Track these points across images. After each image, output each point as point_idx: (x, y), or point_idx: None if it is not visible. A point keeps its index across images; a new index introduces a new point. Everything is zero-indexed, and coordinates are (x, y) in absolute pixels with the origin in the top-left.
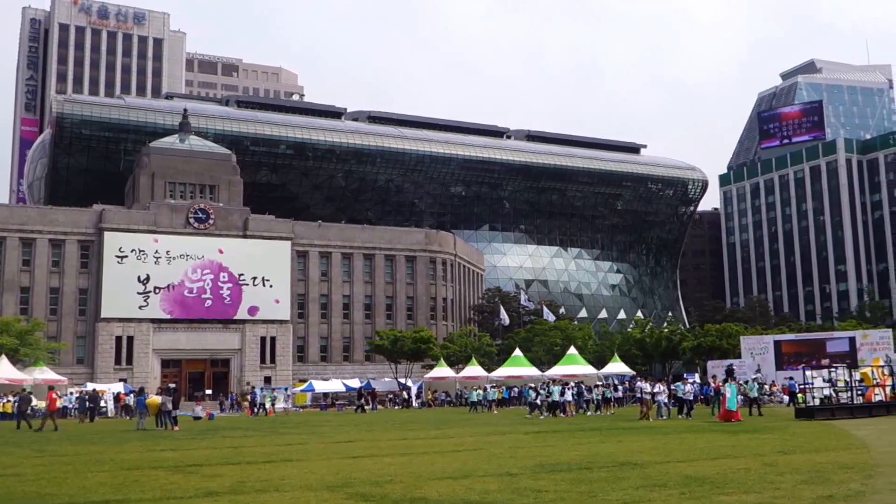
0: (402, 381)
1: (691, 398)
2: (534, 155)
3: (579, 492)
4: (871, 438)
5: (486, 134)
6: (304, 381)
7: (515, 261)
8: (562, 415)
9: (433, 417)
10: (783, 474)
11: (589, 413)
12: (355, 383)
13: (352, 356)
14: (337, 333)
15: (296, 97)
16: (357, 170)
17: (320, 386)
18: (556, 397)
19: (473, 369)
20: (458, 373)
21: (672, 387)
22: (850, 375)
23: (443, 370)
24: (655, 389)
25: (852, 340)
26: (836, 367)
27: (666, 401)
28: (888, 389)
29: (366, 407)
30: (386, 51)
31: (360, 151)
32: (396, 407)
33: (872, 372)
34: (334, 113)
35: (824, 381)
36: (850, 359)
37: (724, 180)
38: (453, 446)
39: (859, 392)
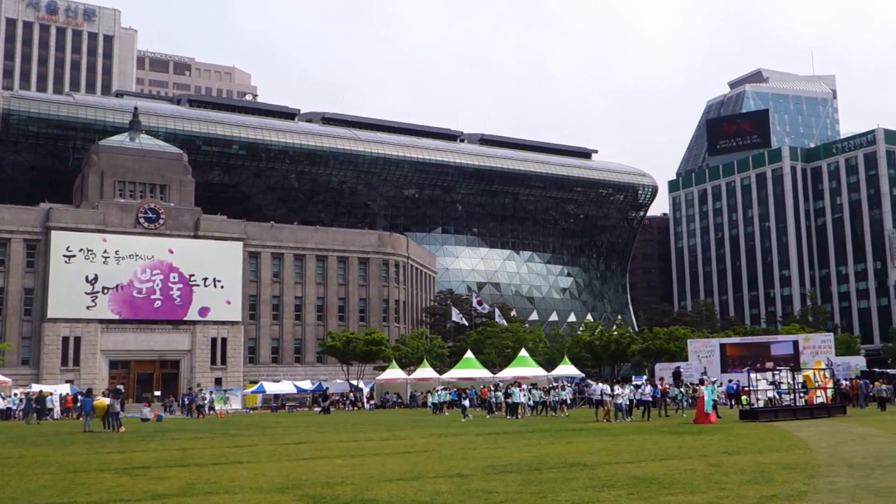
0: (354, 382)
1: (650, 400)
2: (487, 158)
3: (529, 493)
4: (813, 440)
5: (440, 137)
6: (255, 382)
7: (468, 263)
8: (512, 416)
9: (384, 419)
10: (728, 475)
11: (552, 415)
12: (307, 385)
13: (303, 358)
14: (289, 335)
15: (249, 97)
16: (310, 171)
17: (271, 387)
18: (518, 399)
19: (425, 371)
20: (409, 374)
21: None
22: (793, 378)
23: (395, 372)
24: (616, 391)
25: (795, 344)
26: (780, 370)
27: (627, 403)
28: (829, 392)
29: (330, 409)
30: (340, 53)
31: (314, 153)
32: (348, 409)
33: (814, 375)
34: (288, 114)
35: (768, 383)
36: (793, 362)
37: (673, 186)
38: (404, 448)
39: (801, 394)
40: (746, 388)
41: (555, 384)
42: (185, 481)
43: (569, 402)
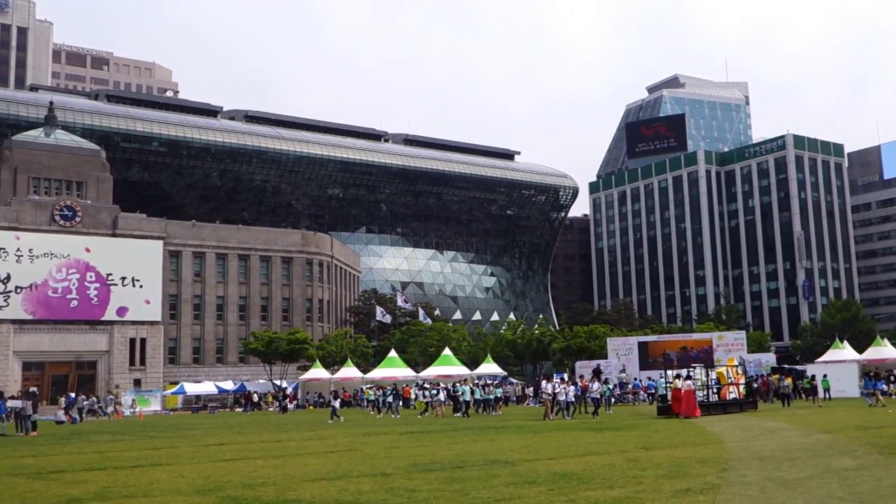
0: (278, 382)
1: (598, 397)
2: (411, 159)
3: (452, 490)
4: (726, 434)
5: (365, 137)
6: (176, 383)
7: (392, 263)
8: (440, 413)
9: (308, 419)
10: (645, 469)
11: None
12: (229, 385)
13: (225, 358)
14: (210, 335)
15: (170, 94)
16: (233, 169)
17: (192, 388)
18: (468, 397)
19: (349, 370)
20: (333, 374)
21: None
22: (707, 375)
23: (318, 371)
24: (557, 389)
25: (709, 341)
26: (695, 367)
27: (573, 400)
28: (741, 388)
29: (288, 406)
30: (265, 51)
31: (237, 151)
32: (271, 409)
33: (727, 371)
34: (210, 111)
35: (683, 380)
36: (707, 359)
37: (593, 188)
38: (327, 447)
39: (715, 390)
40: (665, 385)
41: (488, 382)
42: (102, 485)
43: (503, 399)
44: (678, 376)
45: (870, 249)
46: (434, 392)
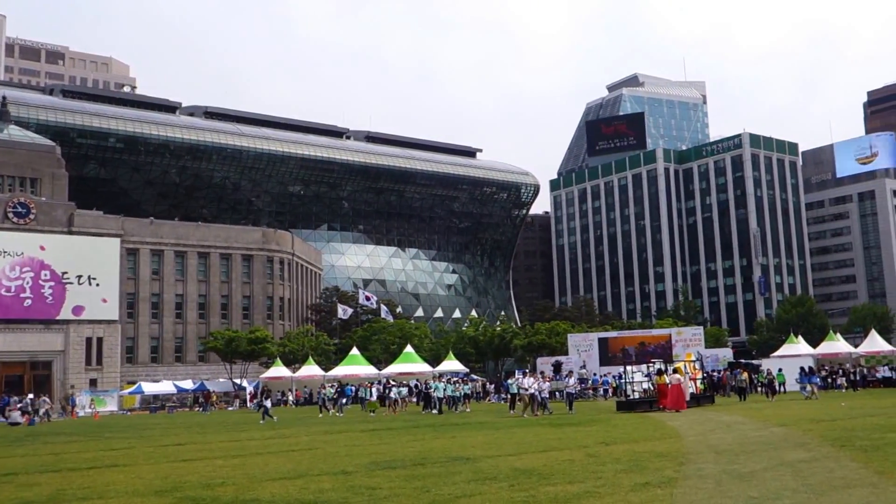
0: (238, 381)
1: (573, 392)
2: (373, 156)
3: (413, 487)
4: (684, 428)
5: (326, 134)
6: (133, 383)
7: (353, 260)
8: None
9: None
10: (605, 464)
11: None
12: (188, 385)
13: (184, 357)
14: (169, 333)
15: (127, 89)
16: (192, 166)
17: (150, 388)
18: (441, 394)
19: (311, 368)
20: (294, 372)
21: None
22: (666, 370)
23: (279, 370)
24: (532, 385)
25: (668, 337)
26: (654, 363)
27: (547, 395)
28: (699, 382)
29: (269, 407)
30: (225, 46)
31: (196, 147)
32: (231, 408)
33: (685, 366)
34: (169, 107)
35: (643, 375)
36: (664, 354)
37: (554, 185)
38: (288, 446)
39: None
40: (624, 381)
41: (456, 379)
42: (56, 487)
43: (471, 396)
44: (661, 372)
45: (823, 246)
46: (401, 390)
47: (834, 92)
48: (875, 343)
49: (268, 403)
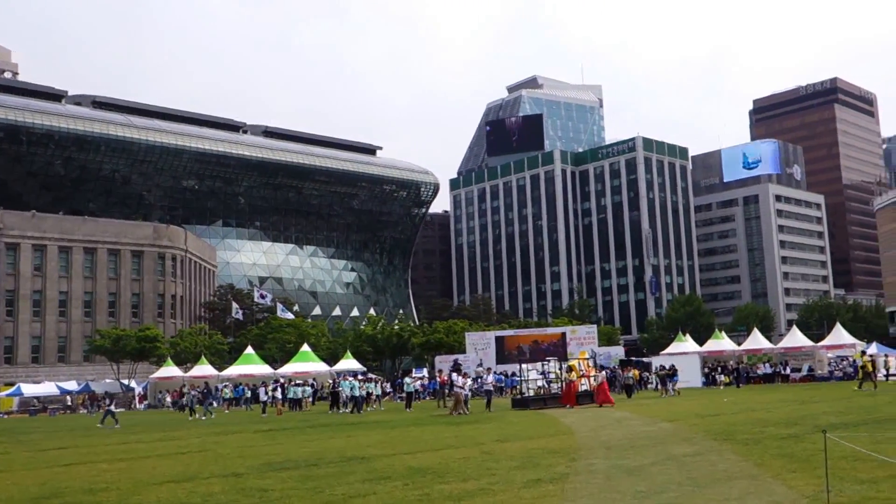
0: (126, 382)
1: (492, 389)
2: (271, 151)
3: (306, 488)
4: (577, 425)
5: (222, 127)
6: (12, 384)
7: (250, 258)
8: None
9: (159, 419)
10: (499, 461)
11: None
12: (72, 386)
13: (68, 357)
14: (52, 332)
15: (8, 75)
16: (78, 157)
17: (30, 389)
18: (356, 392)
19: (203, 368)
20: (186, 372)
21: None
22: (561, 367)
23: (170, 370)
24: (458, 381)
25: (563, 335)
26: (549, 361)
27: (469, 393)
28: (592, 380)
29: (115, 412)
30: (115, 33)
31: (83, 138)
32: (120, 409)
33: (579, 364)
34: (54, 95)
35: (538, 373)
36: (558, 352)
37: (454, 184)
38: (177, 448)
39: (568, 382)
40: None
41: (361, 378)
42: None
43: (380, 395)
44: (571, 369)
45: (710, 247)
46: (305, 389)
47: (724, 100)
48: (757, 341)
49: (112, 407)
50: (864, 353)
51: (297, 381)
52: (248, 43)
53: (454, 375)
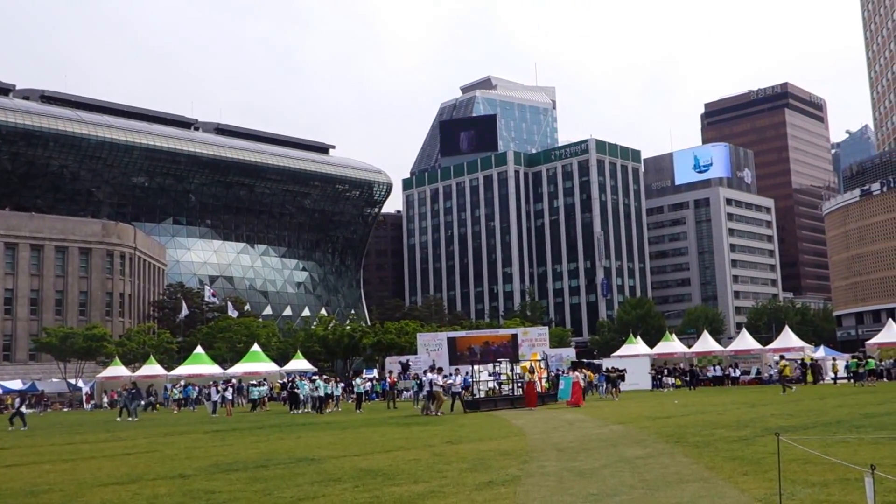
0: (73, 381)
1: (459, 391)
2: (222, 149)
3: (254, 490)
4: (528, 427)
5: (173, 124)
6: None
7: (200, 256)
8: (296, 410)
9: (106, 419)
10: (450, 463)
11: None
12: (16, 385)
13: (14, 355)
14: None
15: None
16: (25, 153)
17: None
18: (321, 391)
19: (152, 368)
20: (134, 371)
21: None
22: (512, 369)
23: (118, 369)
24: (439, 381)
25: (515, 337)
26: (500, 362)
27: (461, 391)
28: (544, 381)
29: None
30: (64, 26)
31: (30, 133)
32: (66, 409)
33: (531, 365)
34: (1, 89)
35: (490, 374)
36: (507, 353)
37: (407, 184)
38: (124, 449)
39: (519, 384)
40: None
41: (315, 378)
42: None
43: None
44: (533, 370)
45: (661, 250)
46: (260, 389)
47: (676, 104)
48: (707, 344)
49: (23, 408)
50: (782, 357)
51: (253, 382)
52: (200, 39)
53: (433, 375)
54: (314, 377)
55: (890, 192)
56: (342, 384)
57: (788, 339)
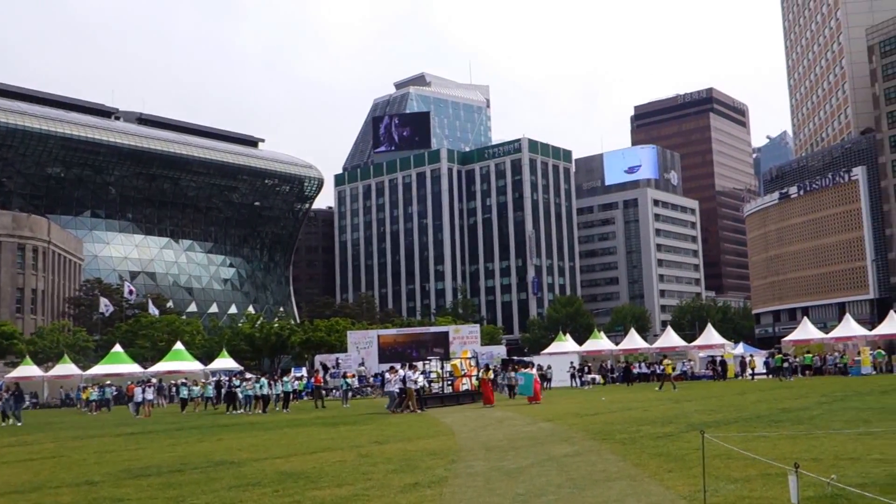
0: None
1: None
2: (145, 139)
3: (166, 497)
4: (458, 425)
5: (92, 112)
6: None
7: (120, 251)
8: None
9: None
10: (376, 464)
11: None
12: None
13: None
14: None
15: None
16: None
17: None
18: (267, 391)
19: (66, 367)
20: (47, 371)
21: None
22: (443, 367)
23: (29, 369)
24: (412, 377)
25: (446, 334)
26: (431, 360)
27: (397, 391)
28: (474, 379)
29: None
30: None
31: None
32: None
33: (461, 363)
34: None
35: (419, 372)
36: (443, 351)
37: (339, 180)
38: (28, 454)
39: (449, 382)
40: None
41: (249, 377)
42: None
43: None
44: (489, 368)
45: (591, 249)
46: (193, 389)
47: (606, 106)
48: (634, 341)
49: None
50: (665, 357)
51: (183, 381)
52: (121, 25)
53: (408, 371)
54: (261, 377)
55: (807, 195)
56: (279, 383)
57: (711, 336)
